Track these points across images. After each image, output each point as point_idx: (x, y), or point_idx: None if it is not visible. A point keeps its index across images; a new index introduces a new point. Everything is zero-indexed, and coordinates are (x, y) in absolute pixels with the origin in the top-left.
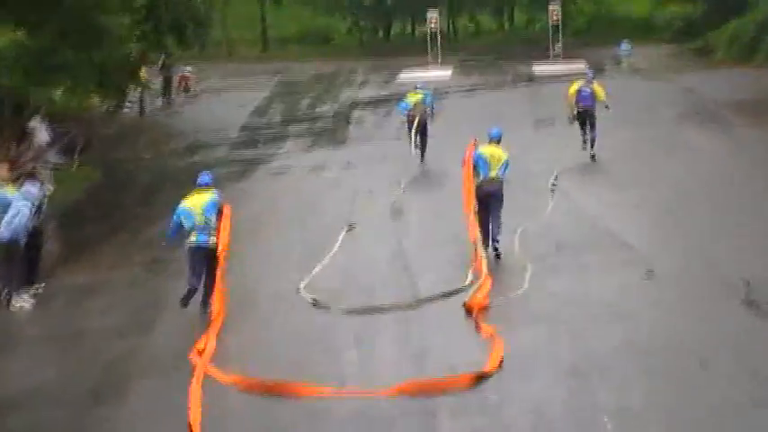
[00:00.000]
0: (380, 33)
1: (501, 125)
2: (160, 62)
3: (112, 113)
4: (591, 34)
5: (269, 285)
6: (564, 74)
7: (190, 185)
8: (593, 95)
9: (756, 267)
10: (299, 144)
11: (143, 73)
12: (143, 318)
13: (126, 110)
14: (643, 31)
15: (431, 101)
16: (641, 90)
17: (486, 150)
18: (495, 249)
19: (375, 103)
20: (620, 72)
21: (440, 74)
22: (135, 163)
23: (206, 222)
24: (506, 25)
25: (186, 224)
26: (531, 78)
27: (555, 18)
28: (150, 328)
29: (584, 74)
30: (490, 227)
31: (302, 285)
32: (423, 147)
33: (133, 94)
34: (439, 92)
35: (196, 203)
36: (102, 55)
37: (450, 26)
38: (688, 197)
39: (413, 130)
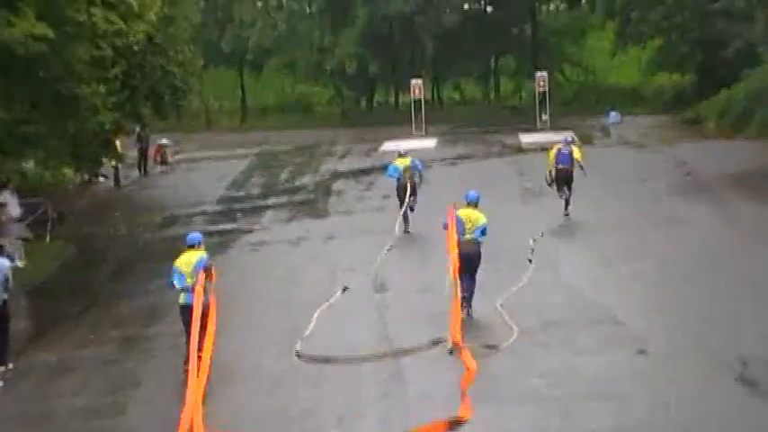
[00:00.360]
0: (363, 102)
1: (488, 198)
2: (136, 133)
3: (86, 186)
4: (579, 104)
5: (248, 360)
6: (552, 144)
7: (165, 260)
8: (571, 157)
9: (751, 345)
10: (279, 216)
11: (118, 144)
12: (117, 398)
13: (100, 182)
14: (632, 100)
15: (419, 165)
16: (630, 161)
17: (463, 213)
18: (467, 307)
19: (357, 174)
20: (608, 143)
21: (424, 144)
22: (109, 237)
23: (189, 273)
24: (492, 94)
25: (177, 284)
26: (519, 149)
27: (541, 86)
28: (124, 408)
29: (564, 138)
30: (464, 285)
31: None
32: (412, 207)
33: (108, 165)
34: (423, 160)
35: (186, 263)
36: (75, 125)
37: (435, 95)
38: (679, 272)
39: (405, 196)
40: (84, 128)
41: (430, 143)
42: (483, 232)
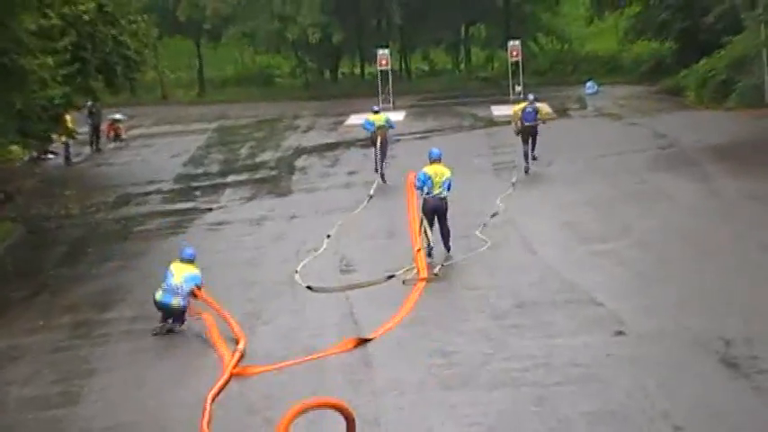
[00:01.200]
0: (327, 74)
1: (459, 173)
2: (87, 107)
3: (35, 164)
4: (554, 74)
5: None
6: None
7: (119, 241)
8: (536, 114)
9: (733, 325)
10: (239, 195)
11: (68, 119)
12: (69, 387)
13: (50, 159)
14: (610, 70)
15: (392, 122)
16: (609, 134)
17: (430, 170)
18: (448, 249)
19: (321, 149)
20: (585, 114)
21: (392, 118)
22: (60, 217)
23: (178, 288)
24: (463, 64)
25: (165, 281)
26: (491, 122)
27: (515, 56)
28: (77, 398)
29: (528, 97)
30: (441, 234)
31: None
32: (382, 163)
33: (58, 142)
34: (391, 138)
35: (180, 270)
36: (22, 100)
37: (403, 65)
38: (660, 251)
39: (377, 148)
40: (31, 103)
41: (398, 116)
42: (449, 187)
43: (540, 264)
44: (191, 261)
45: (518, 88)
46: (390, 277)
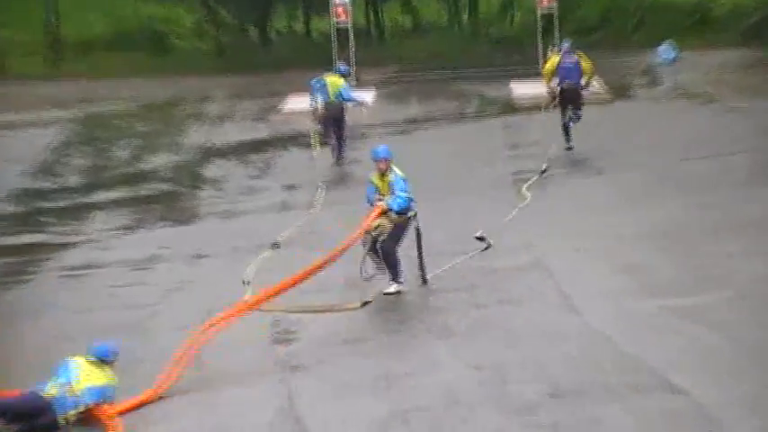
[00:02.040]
0: (252, 33)
1: (458, 189)
2: None
3: None
4: (608, 33)
5: None
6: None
7: None
8: (578, 69)
9: None
10: (115, 222)
11: None
12: None
13: None
14: (695, 26)
15: (351, 93)
16: (694, 126)
17: (374, 178)
18: (394, 278)
19: (243, 150)
20: (656, 94)
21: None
22: None
23: (78, 397)
24: (465, 17)
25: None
26: (509, 107)
27: (546, 4)
28: None
29: (562, 45)
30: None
31: None
32: (339, 145)
33: None
34: (353, 132)
35: (84, 372)
36: None
37: (372, 19)
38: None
39: (331, 126)
40: None
41: (365, 97)
42: (403, 202)
43: (584, 328)
44: (106, 361)
45: (552, 51)
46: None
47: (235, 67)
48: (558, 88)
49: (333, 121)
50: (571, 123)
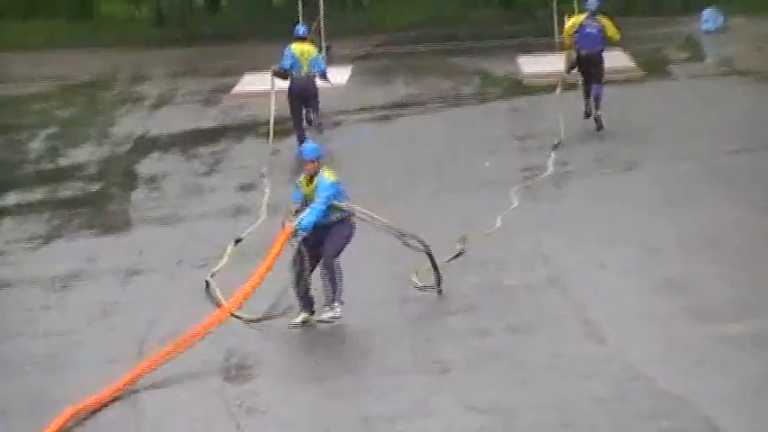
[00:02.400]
0: None
1: (453, 187)
2: None
3: None
4: None
5: None
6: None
7: None
8: (601, 35)
9: None
10: (28, 230)
11: None
12: None
13: None
14: None
15: (323, 63)
16: (745, 109)
17: (302, 182)
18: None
19: (188, 141)
20: (698, 70)
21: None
22: None
23: None
24: None
25: None
26: (517, 87)
27: None
28: None
29: (587, 5)
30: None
31: None
32: (310, 120)
33: None
34: (326, 120)
35: None
36: None
37: None
38: None
39: (300, 106)
40: None
41: (338, 78)
42: (315, 215)
43: (613, 361)
44: None
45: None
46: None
47: (176, 38)
48: (576, 55)
49: (303, 100)
50: (600, 93)
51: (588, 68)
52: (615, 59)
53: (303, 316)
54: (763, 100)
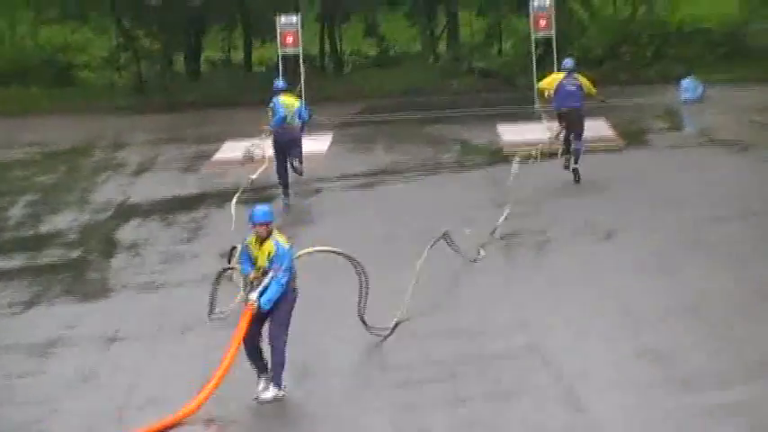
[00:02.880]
0: (179, 63)
1: (434, 257)
2: None
3: None
4: (618, 62)
5: None
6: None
7: None
8: (579, 92)
9: None
10: (8, 297)
11: None
12: None
13: None
14: (726, 56)
15: (307, 111)
16: (722, 180)
17: (252, 243)
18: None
19: (168, 209)
20: (679, 139)
21: (305, 146)
22: None
23: None
24: (443, 44)
25: None
26: (497, 155)
27: (543, 27)
28: None
29: (564, 64)
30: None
31: None
32: (298, 164)
33: None
34: (305, 188)
35: None
36: None
37: (328, 47)
38: None
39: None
40: None
41: (319, 145)
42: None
43: (594, 429)
44: None
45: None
46: None
47: (157, 105)
48: (559, 111)
49: (289, 149)
50: (580, 148)
51: (570, 124)
52: (595, 128)
53: (264, 385)
54: (742, 169)
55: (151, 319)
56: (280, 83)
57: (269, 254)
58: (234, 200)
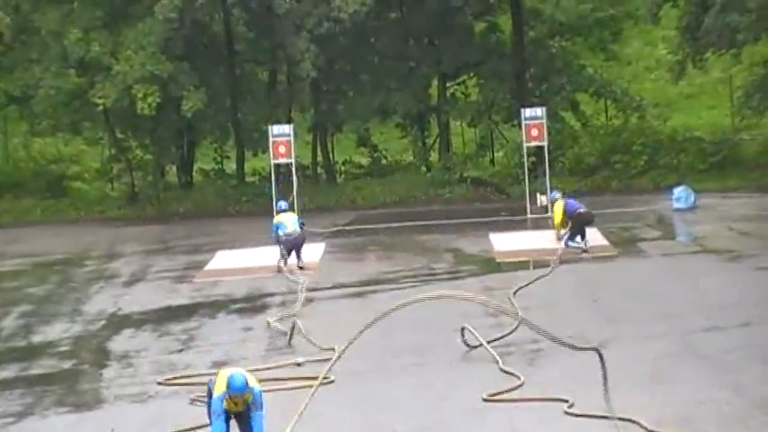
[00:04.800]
0: (171, 173)
1: (423, 374)
2: None
3: None
4: (610, 171)
5: None
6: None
7: None
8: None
9: None
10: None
11: None
12: None
13: None
14: (718, 165)
15: (300, 221)
16: (715, 290)
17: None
18: None
19: (161, 318)
20: (670, 249)
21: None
22: None
23: None
24: (435, 153)
25: None
26: (490, 265)
27: (535, 137)
28: None
29: (552, 197)
30: None
31: None
32: (300, 261)
33: None
34: (294, 296)
35: None
36: None
37: (320, 157)
38: None
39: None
40: None
41: (310, 254)
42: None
43: None
44: None
45: (542, 199)
46: None
47: (149, 215)
48: (576, 214)
49: (296, 250)
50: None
51: (587, 221)
52: (588, 237)
53: None
54: (734, 279)
55: (144, 430)
56: (282, 203)
57: (247, 403)
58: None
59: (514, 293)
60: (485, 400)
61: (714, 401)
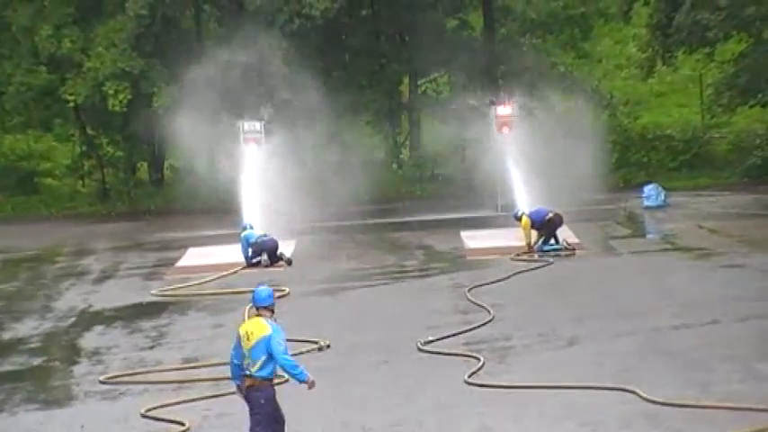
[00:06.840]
0: (142, 169)
1: (395, 370)
2: None
3: None
4: None
5: None
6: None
7: None
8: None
9: None
10: None
11: None
12: None
13: None
14: (688, 164)
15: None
16: (684, 287)
17: (244, 328)
18: None
19: (131, 316)
20: (640, 246)
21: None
22: None
23: None
24: (405, 150)
25: None
26: (460, 262)
27: (506, 132)
28: None
29: (515, 215)
30: None
31: None
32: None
33: None
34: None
35: None
36: None
37: None
38: None
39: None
40: None
41: (283, 249)
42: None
43: None
44: None
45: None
46: None
47: (120, 212)
48: (546, 221)
49: (273, 253)
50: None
51: (559, 222)
52: (558, 235)
53: None
54: (703, 276)
55: (113, 428)
56: (249, 224)
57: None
58: None
59: (469, 290)
60: (420, 349)
61: (679, 398)
